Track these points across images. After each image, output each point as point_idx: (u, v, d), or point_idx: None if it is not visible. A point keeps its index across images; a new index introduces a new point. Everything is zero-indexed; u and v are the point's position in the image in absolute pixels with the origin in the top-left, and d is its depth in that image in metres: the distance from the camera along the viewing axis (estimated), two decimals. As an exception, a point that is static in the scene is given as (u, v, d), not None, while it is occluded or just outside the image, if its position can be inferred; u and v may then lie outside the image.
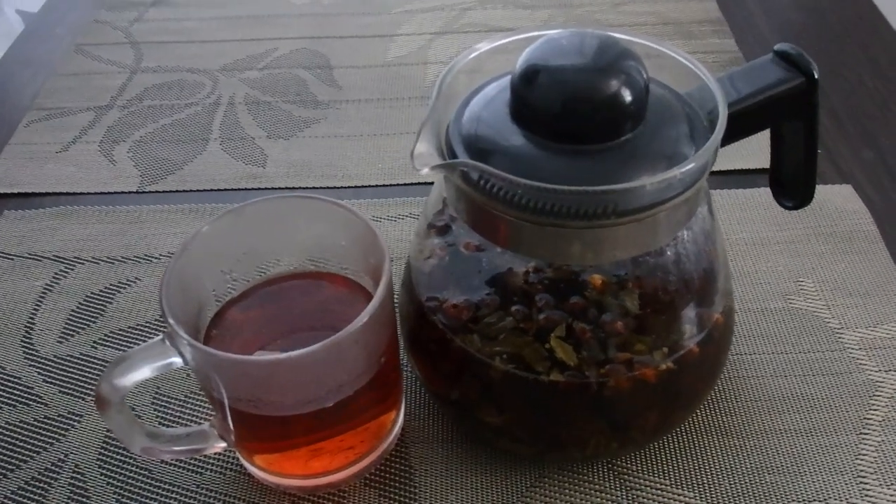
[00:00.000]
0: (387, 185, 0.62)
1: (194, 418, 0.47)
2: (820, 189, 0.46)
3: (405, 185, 0.62)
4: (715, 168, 0.37)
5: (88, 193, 0.62)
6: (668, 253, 0.39)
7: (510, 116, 0.36)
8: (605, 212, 0.33)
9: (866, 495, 0.43)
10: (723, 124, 0.35)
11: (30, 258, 0.57)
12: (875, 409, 0.46)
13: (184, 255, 0.39)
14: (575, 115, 0.35)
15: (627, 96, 0.35)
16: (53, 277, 0.55)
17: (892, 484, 0.43)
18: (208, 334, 0.41)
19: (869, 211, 0.58)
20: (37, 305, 0.53)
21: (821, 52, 0.74)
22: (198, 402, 0.48)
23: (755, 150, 0.61)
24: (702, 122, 0.38)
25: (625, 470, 0.44)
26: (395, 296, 0.44)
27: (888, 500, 0.42)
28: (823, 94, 0.39)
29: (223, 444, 0.42)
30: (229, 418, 0.39)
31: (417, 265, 0.43)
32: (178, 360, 0.37)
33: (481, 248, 0.41)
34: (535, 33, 0.38)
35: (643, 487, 0.43)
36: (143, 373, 0.37)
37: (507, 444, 0.43)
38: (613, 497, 0.43)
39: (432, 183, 0.43)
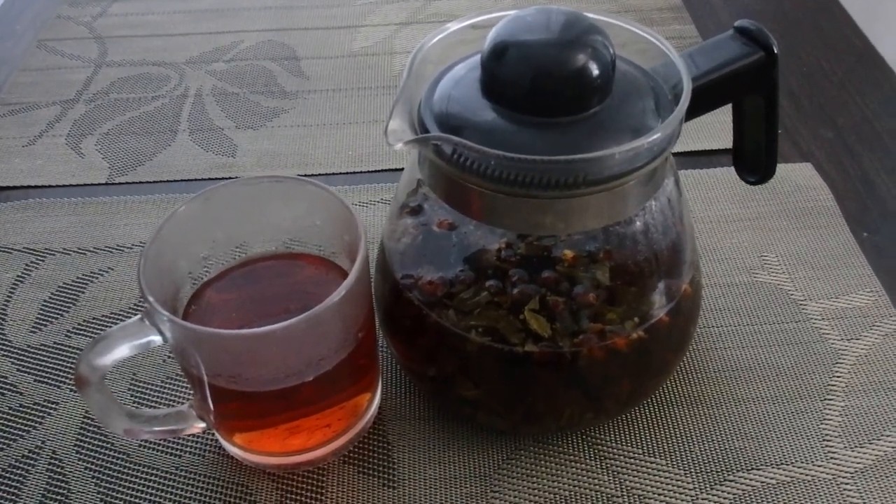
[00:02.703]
0: (356, 172, 0.63)
1: (171, 403, 0.47)
2: (781, 167, 0.47)
3: (374, 171, 0.63)
4: (681, 149, 0.38)
5: (57, 186, 0.62)
6: (637, 224, 0.40)
7: (481, 92, 0.37)
8: (575, 181, 0.34)
9: (831, 457, 0.44)
10: (687, 96, 0.36)
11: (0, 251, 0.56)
12: (838, 376, 0.48)
13: (160, 236, 0.39)
14: (544, 88, 0.35)
15: (595, 70, 0.36)
16: (25, 269, 0.55)
17: (855, 446, 0.44)
18: (185, 316, 0.41)
19: (828, 187, 0.59)
20: (8, 297, 0.53)
21: (779, 35, 0.74)
22: (174, 388, 0.48)
23: (718, 131, 0.62)
24: (666, 96, 0.39)
25: (599, 440, 0.45)
26: (370, 275, 0.44)
27: (852, 462, 0.44)
28: (782, 76, 0.41)
29: (202, 425, 0.42)
30: (209, 397, 0.40)
31: (391, 245, 0.44)
32: (156, 339, 0.37)
33: (454, 226, 0.42)
34: (504, 13, 0.39)
35: (617, 456, 0.44)
36: (121, 351, 0.37)
37: (484, 418, 0.44)
38: (588, 467, 0.44)
39: (401, 169, 0.44)
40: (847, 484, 0.43)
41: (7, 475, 0.44)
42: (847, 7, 0.79)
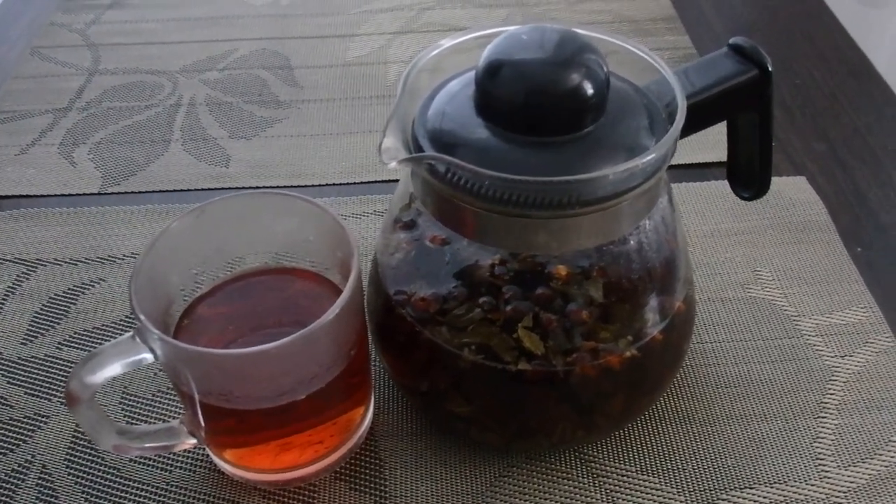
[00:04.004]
0: (350, 184, 0.63)
1: (162, 417, 0.47)
2: (774, 181, 0.47)
3: (368, 182, 0.63)
4: (674, 162, 0.38)
5: (49, 196, 0.62)
6: (631, 242, 0.40)
7: (475, 110, 0.37)
8: (569, 201, 0.34)
9: (825, 477, 0.44)
10: (682, 115, 0.36)
11: (-10, 261, 0.56)
12: (831, 394, 0.48)
13: (152, 251, 0.39)
14: (538, 107, 0.35)
15: (589, 89, 0.36)
16: (16, 280, 0.55)
17: (849, 465, 0.44)
18: (177, 331, 0.41)
19: (822, 201, 0.59)
20: (-1, 308, 0.53)
21: (771, 46, 0.75)
22: (165, 401, 0.48)
23: (712, 144, 0.62)
24: (660, 115, 0.38)
25: (591, 458, 0.45)
26: (363, 291, 0.44)
27: (846, 481, 0.44)
28: (775, 88, 0.41)
29: (193, 441, 0.42)
30: (200, 414, 0.39)
31: (384, 260, 0.44)
32: (148, 357, 0.37)
33: (447, 242, 0.42)
34: (497, 29, 0.39)
35: (609, 474, 0.44)
36: (113, 369, 0.37)
37: (476, 434, 0.44)
38: (580, 484, 0.44)
39: (396, 180, 0.44)
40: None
41: (-4, 490, 0.44)
42: (840, 18, 0.80)
